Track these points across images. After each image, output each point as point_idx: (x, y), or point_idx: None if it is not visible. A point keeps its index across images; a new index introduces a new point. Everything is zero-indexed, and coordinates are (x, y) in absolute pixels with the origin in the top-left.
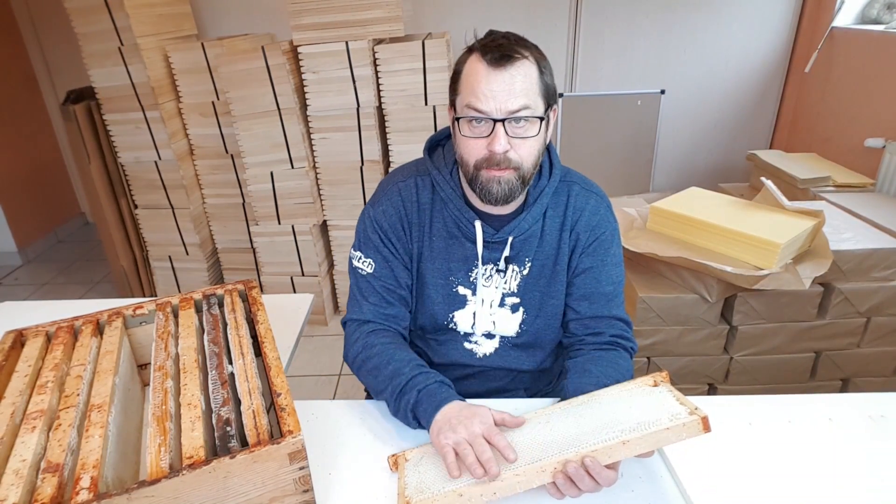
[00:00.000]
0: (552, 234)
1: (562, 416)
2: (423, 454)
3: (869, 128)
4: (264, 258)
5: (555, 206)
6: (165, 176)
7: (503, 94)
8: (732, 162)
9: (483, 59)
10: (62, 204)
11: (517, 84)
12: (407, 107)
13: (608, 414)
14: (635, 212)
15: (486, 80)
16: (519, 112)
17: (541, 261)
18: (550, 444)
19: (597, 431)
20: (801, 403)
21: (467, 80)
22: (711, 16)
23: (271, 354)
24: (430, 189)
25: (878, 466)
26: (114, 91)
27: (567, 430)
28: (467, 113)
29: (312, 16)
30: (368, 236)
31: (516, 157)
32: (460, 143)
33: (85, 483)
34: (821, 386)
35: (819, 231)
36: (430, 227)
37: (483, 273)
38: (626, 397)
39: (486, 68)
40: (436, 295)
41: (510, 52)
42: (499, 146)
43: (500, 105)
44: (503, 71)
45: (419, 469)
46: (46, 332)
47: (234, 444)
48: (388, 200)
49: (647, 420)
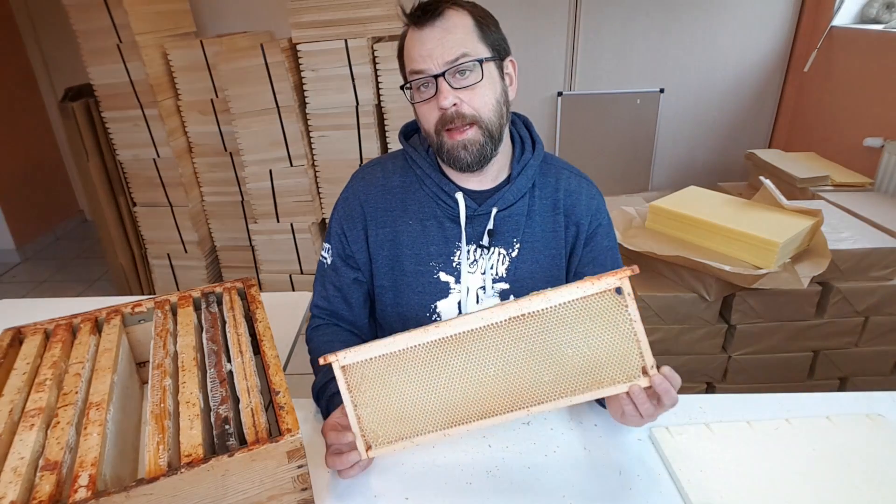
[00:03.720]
0: (543, 214)
1: (511, 345)
2: (361, 363)
3: (868, 127)
4: (263, 256)
5: (543, 185)
6: (164, 174)
7: (437, 48)
8: (731, 161)
9: (411, 22)
10: (60, 201)
11: (449, 35)
12: (406, 105)
13: (563, 350)
14: (634, 210)
15: (418, 41)
16: (457, 61)
17: (531, 243)
18: (499, 387)
19: (549, 384)
20: (800, 402)
21: (406, 52)
22: (711, 15)
23: (270, 352)
24: (400, 173)
25: (876, 465)
26: (112, 88)
27: (520, 373)
28: (411, 79)
29: (311, 14)
30: (331, 226)
31: (470, 109)
32: (417, 115)
33: (83, 481)
34: (819, 385)
35: (817, 230)
36: (402, 211)
37: (466, 255)
38: (585, 318)
39: (415, 30)
40: (415, 283)
41: (434, 6)
42: (445, 101)
43: (436, 59)
44: (432, 27)
45: (364, 391)
46: (45, 329)
47: (232, 443)
48: (351, 188)
49: (601, 373)
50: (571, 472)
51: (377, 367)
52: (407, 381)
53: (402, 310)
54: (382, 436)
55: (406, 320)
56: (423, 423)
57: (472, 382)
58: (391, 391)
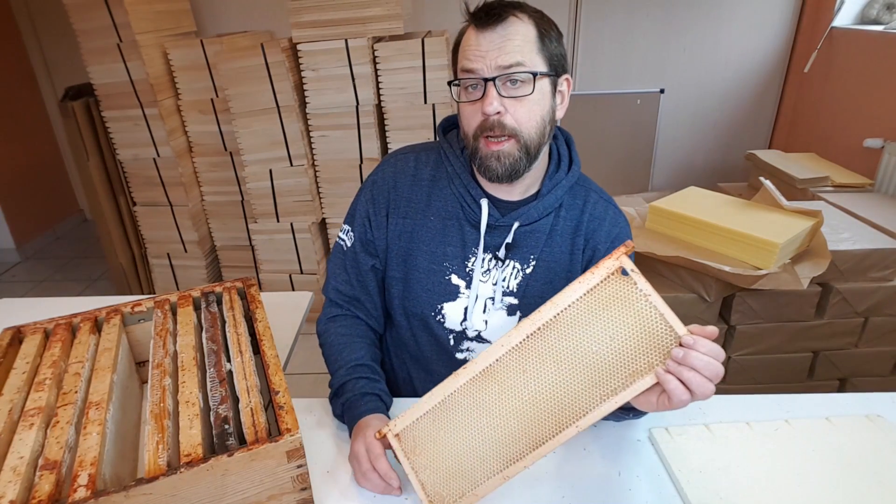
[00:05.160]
0: (564, 236)
1: (538, 364)
2: (411, 426)
3: (868, 128)
4: (263, 256)
5: (570, 206)
6: (164, 173)
7: (493, 51)
8: (731, 161)
9: (472, 21)
10: (60, 201)
11: (507, 42)
12: (406, 105)
13: (589, 352)
14: (634, 211)
15: (475, 41)
16: (511, 69)
17: (547, 262)
18: (541, 410)
19: (586, 391)
20: (799, 403)
21: (461, 49)
22: (711, 15)
23: (270, 352)
24: (433, 166)
25: (875, 466)
26: (112, 88)
27: (555, 389)
28: (461, 77)
29: (312, 13)
30: (355, 208)
31: (511, 121)
32: (460, 114)
33: (83, 480)
34: (819, 385)
35: (817, 231)
36: (426, 206)
37: (481, 264)
38: (599, 311)
39: (475, 31)
40: (425, 280)
41: (498, 10)
42: (489, 106)
43: (489, 62)
44: (492, 30)
45: (420, 454)
46: (45, 329)
47: (232, 442)
48: (381, 172)
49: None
50: (571, 472)
51: (425, 426)
52: (454, 431)
53: (408, 304)
54: (447, 496)
55: (411, 317)
56: (481, 471)
57: (512, 413)
58: (443, 447)
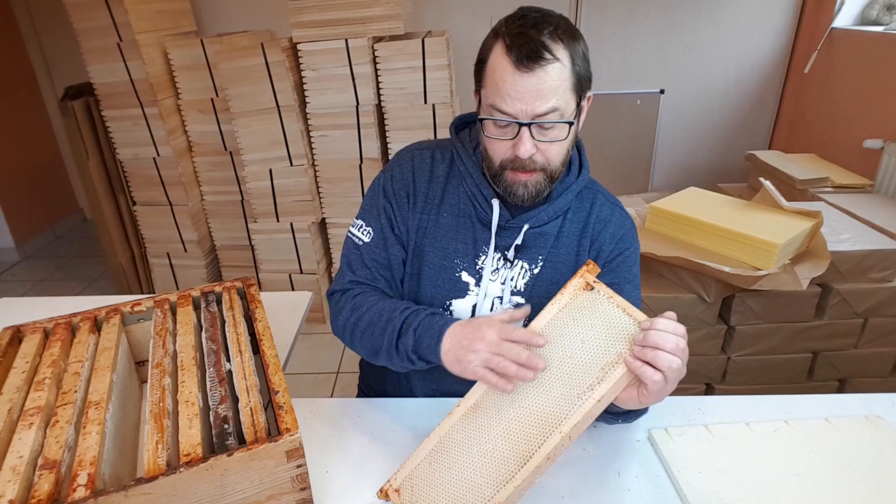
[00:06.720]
0: (570, 238)
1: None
2: (409, 476)
3: (868, 129)
4: (263, 256)
5: (577, 209)
6: (164, 173)
7: (530, 96)
8: (731, 162)
9: (509, 56)
10: (60, 200)
11: (545, 85)
12: (406, 105)
13: (564, 359)
14: (634, 211)
15: (511, 81)
16: (546, 116)
17: (553, 264)
18: (525, 425)
19: (564, 395)
20: (799, 404)
21: (492, 77)
22: (711, 16)
23: (269, 352)
24: (448, 164)
25: (874, 467)
26: (112, 87)
27: (535, 401)
28: (492, 114)
29: (312, 13)
30: (373, 203)
31: (542, 159)
32: (485, 141)
33: (82, 480)
34: (818, 386)
35: (817, 232)
36: (440, 202)
37: (491, 262)
38: (570, 323)
39: (513, 70)
40: (435, 276)
41: (539, 53)
42: (524, 151)
43: (526, 108)
44: (531, 75)
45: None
46: (44, 328)
47: (231, 442)
48: (399, 166)
49: (606, 356)
50: (570, 473)
51: (422, 473)
52: (450, 471)
53: (417, 299)
54: None
55: None
56: (477, 501)
57: (500, 436)
58: (441, 489)
